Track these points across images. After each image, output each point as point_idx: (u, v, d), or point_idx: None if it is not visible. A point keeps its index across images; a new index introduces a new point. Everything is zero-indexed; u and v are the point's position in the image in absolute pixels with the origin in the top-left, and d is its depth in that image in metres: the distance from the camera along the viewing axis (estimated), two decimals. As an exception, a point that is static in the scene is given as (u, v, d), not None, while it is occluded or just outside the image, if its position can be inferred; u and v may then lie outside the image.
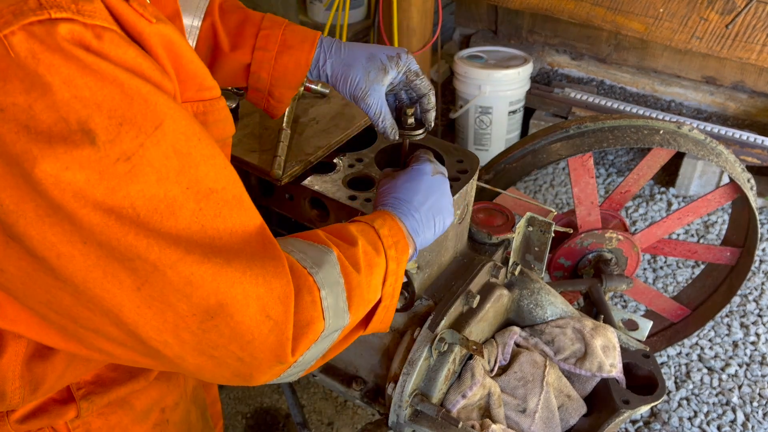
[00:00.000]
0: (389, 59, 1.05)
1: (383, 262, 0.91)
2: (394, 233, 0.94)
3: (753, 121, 3.53)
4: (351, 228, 0.90)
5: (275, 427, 2.25)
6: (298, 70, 1.08)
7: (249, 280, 0.68)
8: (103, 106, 0.58)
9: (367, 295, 0.88)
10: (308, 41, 1.07)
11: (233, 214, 0.69)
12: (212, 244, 0.66)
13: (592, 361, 1.33)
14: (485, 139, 3.40)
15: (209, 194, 0.66)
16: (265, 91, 1.10)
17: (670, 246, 2.12)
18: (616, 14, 3.24)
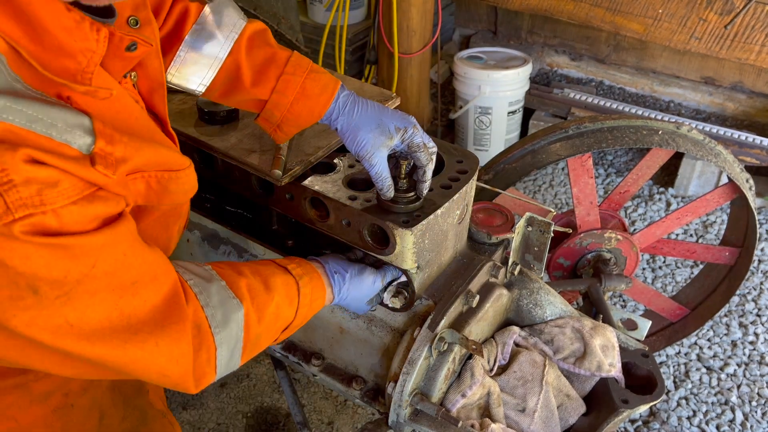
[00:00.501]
0: (396, 130, 1.13)
1: (292, 315, 1.08)
2: (315, 292, 1.12)
3: (752, 121, 3.53)
4: (277, 279, 1.06)
5: (275, 426, 2.26)
6: (311, 118, 1.14)
7: (153, 353, 0.85)
8: (52, 269, 0.73)
9: (263, 343, 1.06)
10: (326, 94, 1.13)
11: (148, 290, 0.84)
12: (129, 323, 0.82)
13: (592, 361, 1.33)
14: (485, 140, 3.41)
15: (131, 286, 0.82)
16: (274, 124, 1.15)
17: (669, 246, 2.13)
18: (615, 15, 3.25)
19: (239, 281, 1.00)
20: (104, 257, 0.78)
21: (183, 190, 0.94)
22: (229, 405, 2.31)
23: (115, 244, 0.80)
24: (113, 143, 0.79)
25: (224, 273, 1.01)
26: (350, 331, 1.35)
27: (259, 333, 1.02)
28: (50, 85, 0.74)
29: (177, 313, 0.88)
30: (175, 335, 0.87)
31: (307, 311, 1.11)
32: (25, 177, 0.68)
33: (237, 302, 0.98)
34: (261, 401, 2.33)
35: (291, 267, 1.11)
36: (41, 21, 0.72)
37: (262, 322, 1.01)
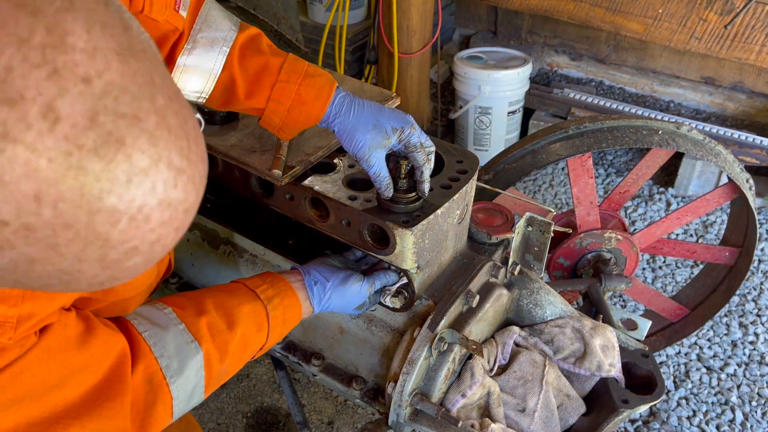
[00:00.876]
0: (393, 131, 1.13)
1: (263, 340, 1.10)
2: (287, 311, 1.13)
3: (752, 121, 3.53)
4: (243, 309, 1.07)
5: (275, 426, 2.26)
6: (308, 122, 1.14)
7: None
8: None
9: (229, 373, 1.07)
10: (322, 98, 1.12)
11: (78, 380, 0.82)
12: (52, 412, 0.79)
13: (592, 361, 1.33)
14: (485, 140, 3.41)
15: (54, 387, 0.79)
16: (275, 128, 1.16)
17: (669, 246, 2.13)
18: (615, 15, 3.25)
19: (199, 322, 1.02)
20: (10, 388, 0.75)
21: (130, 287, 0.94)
22: (229, 405, 2.31)
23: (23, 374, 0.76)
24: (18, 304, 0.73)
25: (184, 314, 1.02)
26: (350, 331, 1.35)
27: (221, 369, 1.04)
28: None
29: (116, 386, 0.86)
30: (107, 413, 0.85)
31: (280, 331, 1.13)
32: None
33: (195, 345, 0.99)
34: (261, 401, 2.33)
35: (261, 289, 1.12)
36: None
37: (224, 359, 1.03)
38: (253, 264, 1.47)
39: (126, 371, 0.89)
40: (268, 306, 1.10)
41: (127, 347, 0.91)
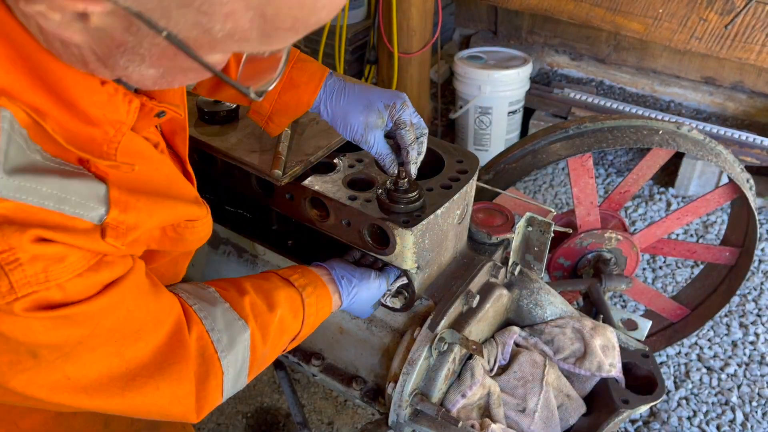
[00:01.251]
0: (385, 107, 1.11)
1: (298, 327, 1.07)
2: (320, 301, 1.11)
3: (752, 121, 3.53)
4: (280, 293, 1.05)
5: (275, 426, 2.26)
6: (300, 107, 1.13)
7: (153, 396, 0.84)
8: (52, 336, 0.72)
9: (269, 358, 1.05)
10: (313, 82, 1.11)
11: (153, 334, 0.84)
12: (128, 368, 0.81)
13: (592, 361, 1.33)
14: (485, 140, 3.41)
15: (134, 334, 0.81)
16: (265, 116, 1.15)
17: (669, 246, 2.13)
18: (615, 15, 3.25)
19: (243, 301, 1.00)
20: (107, 317, 0.78)
21: (198, 238, 0.93)
22: (228, 405, 2.31)
23: (119, 303, 0.80)
24: (127, 211, 0.78)
25: (227, 294, 1.00)
26: (350, 331, 1.35)
27: (264, 352, 1.01)
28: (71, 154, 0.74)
29: (179, 351, 0.87)
30: (177, 375, 0.86)
31: (314, 321, 1.10)
32: (31, 255, 0.69)
33: (242, 323, 0.97)
34: (261, 401, 2.33)
35: (294, 278, 1.10)
36: (72, 97, 0.71)
37: (266, 341, 1.01)
38: (253, 264, 1.47)
39: (185, 337, 0.89)
40: (303, 293, 1.08)
41: (183, 314, 0.90)
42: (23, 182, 0.68)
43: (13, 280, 0.68)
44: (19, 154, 0.68)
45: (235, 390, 0.99)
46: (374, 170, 1.25)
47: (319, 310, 1.11)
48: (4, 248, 0.67)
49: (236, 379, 0.97)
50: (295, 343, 1.10)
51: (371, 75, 3.51)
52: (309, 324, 1.09)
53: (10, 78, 0.67)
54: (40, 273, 0.69)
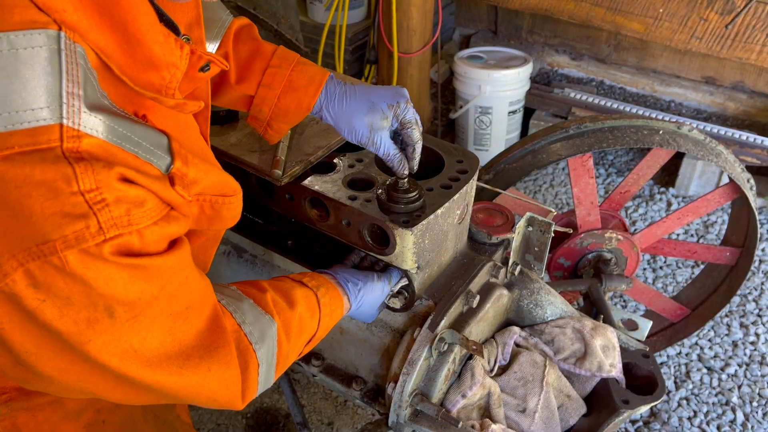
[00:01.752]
0: (389, 107, 1.10)
1: (315, 327, 1.06)
2: (333, 302, 1.10)
3: (752, 121, 3.53)
4: (297, 292, 1.04)
5: (275, 426, 2.25)
6: (300, 111, 1.12)
7: (206, 378, 0.83)
8: (129, 290, 0.72)
9: (291, 358, 1.04)
10: (314, 85, 1.10)
11: (198, 315, 0.84)
12: (180, 348, 0.80)
13: (592, 361, 1.33)
14: (485, 139, 3.41)
15: (185, 311, 0.81)
16: (264, 122, 1.13)
17: (669, 246, 2.13)
18: (615, 14, 3.24)
19: (265, 297, 0.99)
20: (172, 280, 0.78)
21: (232, 216, 0.93)
22: (229, 405, 2.31)
23: (181, 267, 0.80)
24: (188, 164, 0.78)
25: (249, 291, 1.00)
26: (350, 332, 1.35)
27: (288, 349, 1.00)
28: (131, 103, 0.74)
29: (221, 336, 0.86)
30: (224, 359, 0.86)
31: (328, 321, 1.09)
32: (116, 196, 0.68)
33: (269, 318, 0.97)
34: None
35: (306, 280, 1.09)
36: (137, 31, 0.71)
37: (290, 338, 1.00)
38: (253, 264, 1.47)
39: (224, 323, 0.88)
40: (317, 293, 1.07)
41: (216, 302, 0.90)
42: (103, 118, 0.68)
43: (101, 220, 0.67)
44: (93, 93, 0.68)
45: (265, 386, 0.97)
46: (374, 170, 1.25)
47: (333, 311, 1.10)
48: (91, 187, 0.66)
49: (267, 374, 0.96)
50: (310, 346, 1.09)
51: (371, 75, 3.51)
52: (324, 325, 1.08)
53: (78, 15, 0.67)
54: (123, 216, 0.68)
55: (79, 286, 0.68)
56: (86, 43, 0.68)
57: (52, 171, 0.64)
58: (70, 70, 0.65)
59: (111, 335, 0.73)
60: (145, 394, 0.83)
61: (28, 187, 0.64)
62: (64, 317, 0.69)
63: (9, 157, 0.64)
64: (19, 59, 0.63)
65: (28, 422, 0.97)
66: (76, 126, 0.66)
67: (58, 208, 0.65)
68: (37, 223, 0.65)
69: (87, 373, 0.76)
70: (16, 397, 0.95)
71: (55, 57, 0.64)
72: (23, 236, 0.65)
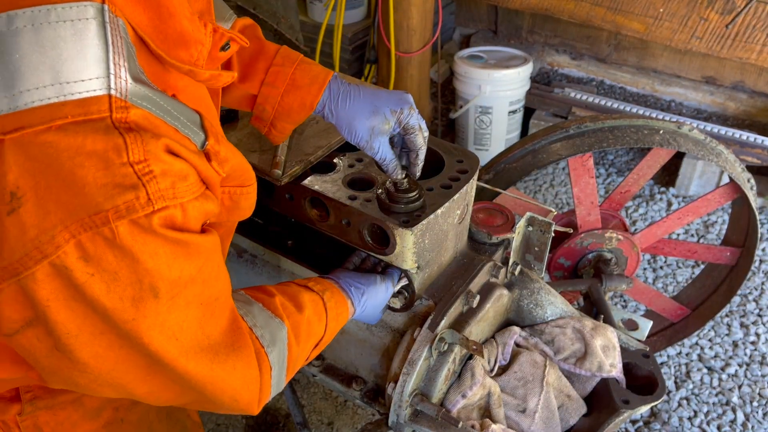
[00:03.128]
0: (392, 113, 1.10)
1: (322, 331, 1.06)
2: (339, 306, 1.10)
3: (753, 121, 3.53)
4: (304, 296, 1.04)
5: (275, 426, 2.25)
6: (303, 110, 1.11)
7: (232, 375, 0.84)
8: (172, 267, 0.72)
9: (299, 363, 1.04)
10: (317, 83, 1.10)
11: (222, 311, 0.84)
12: (208, 342, 0.80)
13: (592, 361, 1.33)
14: (485, 139, 3.40)
15: (213, 302, 0.81)
16: (268, 121, 1.13)
17: (670, 246, 2.13)
18: (616, 14, 3.24)
19: (274, 301, 0.99)
20: (208, 262, 0.78)
21: (249, 206, 0.94)
22: (229, 405, 2.31)
23: (216, 251, 0.80)
24: (219, 142, 0.79)
25: (257, 296, 0.99)
26: (350, 332, 1.35)
27: (297, 352, 1.00)
28: (162, 82, 0.74)
29: (242, 336, 0.87)
30: (246, 359, 0.86)
31: (334, 326, 1.09)
32: (162, 169, 0.68)
33: (279, 321, 0.96)
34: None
35: (311, 285, 1.09)
36: (170, 4, 0.72)
37: (299, 341, 0.99)
38: (253, 264, 1.47)
39: (243, 325, 0.88)
40: (323, 297, 1.07)
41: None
42: (146, 91, 0.69)
43: (150, 191, 0.67)
44: (134, 67, 0.69)
45: (277, 390, 0.96)
46: (374, 170, 1.24)
47: (339, 315, 1.10)
48: (140, 158, 0.66)
49: (279, 378, 0.96)
50: (317, 350, 1.08)
51: (371, 75, 3.50)
52: (331, 329, 1.07)
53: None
54: (169, 188, 0.69)
55: (128, 260, 0.68)
56: (125, 17, 0.69)
57: (103, 141, 0.65)
58: (116, 42, 0.67)
59: (155, 317, 0.72)
60: (172, 388, 0.82)
61: (81, 158, 0.64)
62: (111, 293, 0.69)
63: (62, 127, 0.64)
64: (68, 30, 0.64)
65: (49, 421, 0.98)
66: (124, 97, 0.67)
67: (109, 178, 0.65)
68: (90, 194, 0.65)
69: (122, 360, 0.75)
70: (41, 395, 0.95)
71: (101, 29, 0.66)
72: (76, 207, 0.65)
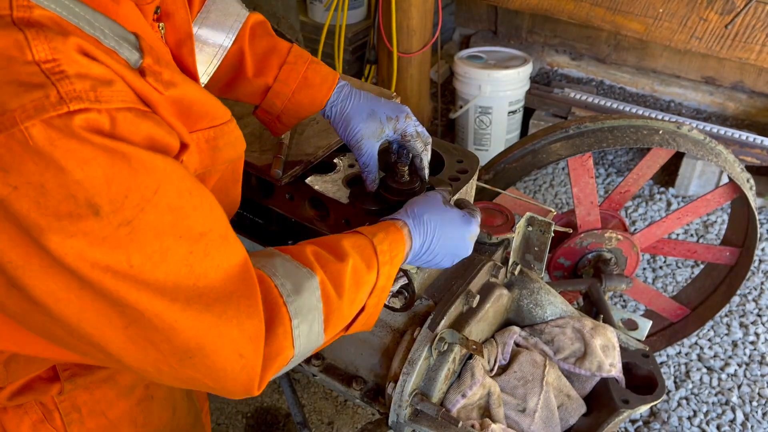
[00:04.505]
0: (388, 120, 1.12)
1: (374, 279, 0.95)
2: (394, 248, 0.98)
3: (752, 121, 3.53)
4: (345, 243, 0.93)
5: (275, 426, 2.26)
6: (312, 107, 1.14)
7: (224, 323, 0.74)
8: (111, 182, 0.65)
9: (347, 314, 0.93)
10: (327, 83, 1.13)
11: (219, 252, 0.76)
12: (197, 284, 0.72)
13: (592, 361, 1.33)
14: (485, 139, 3.41)
15: (199, 238, 0.73)
16: (275, 115, 1.15)
17: (669, 246, 2.13)
18: (615, 14, 3.25)
19: (304, 251, 0.90)
20: (167, 186, 0.69)
21: (231, 143, 0.88)
22: (228, 405, 2.31)
23: (178, 176, 0.71)
24: (161, 65, 0.73)
25: (285, 249, 0.91)
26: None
27: (340, 305, 0.90)
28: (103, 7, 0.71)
29: (251, 288, 0.78)
30: (245, 309, 0.77)
31: (389, 270, 0.97)
32: (77, 71, 0.63)
33: (307, 270, 0.87)
34: (261, 401, 2.33)
35: (362, 228, 1.00)
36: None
37: (341, 293, 0.89)
38: (253, 264, 1.47)
39: (253, 275, 0.80)
40: (373, 240, 0.95)
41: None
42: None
43: (62, 91, 0.62)
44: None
45: (309, 346, 0.88)
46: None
47: (394, 257, 0.98)
48: (47, 57, 0.62)
49: (309, 332, 0.86)
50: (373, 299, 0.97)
51: (371, 75, 3.51)
52: (385, 274, 0.96)
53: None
54: (89, 90, 0.63)
55: (52, 170, 0.62)
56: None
57: (2, 39, 0.61)
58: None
59: (102, 240, 0.65)
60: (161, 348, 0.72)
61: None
62: (42, 208, 0.62)
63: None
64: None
65: (87, 401, 0.98)
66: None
67: (13, 77, 0.61)
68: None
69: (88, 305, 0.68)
70: (78, 372, 0.95)
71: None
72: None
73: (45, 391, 0.93)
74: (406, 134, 1.13)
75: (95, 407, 0.99)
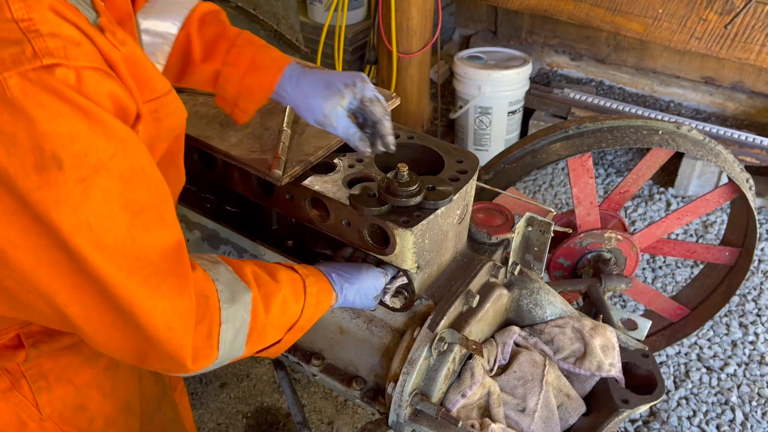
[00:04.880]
0: (345, 87, 1.12)
1: (298, 313, 1.05)
2: (321, 294, 1.10)
3: (752, 121, 3.53)
4: (281, 273, 1.04)
5: (275, 426, 2.26)
6: (262, 90, 1.14)
7: (159, 297, 0.82)
8: (74, 139, 0.71)
9: (268, 336, 1.03)
10: (276, 66, 1.13)
11: (157, 230, 0.82)
12: (138, 256, 0.79)
13: (592, 361, 1.33)
14: (485, 140, 3.41)
15: (140, 212, 0.80)
16: (231, 101, 1.16)
17: (669, 246, 2.13)
18: (615, 15, 3.25)
19: (244, 268, 0.99)
20: (122, 155, 0.76)
21: (173, 113, 0.93)
22: (229, 405, 2.31)
23: (135, 149, 0.79)
24: (113, 24, 0.81)
25: (229, 261, 1.00)
26: (350, 331, 1.35)
27: (265, 323, 0.99)
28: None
29: (182, 270, 0.85)
30: (178, 288, 0.84)
31: (312, 312, 1.09)
32: (50, 30, 0.70)
33: (244, 285, 0.96)
34: (261, 401, 2.33)
35: (297, 267, 1.10)
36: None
37: (269, 312, 0.99)
38: (253, 264, 1.48)
39: (188, 263, 0.87)
40: (306, 280, 1.07)
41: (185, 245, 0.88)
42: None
43: (37, 48, 0.69)
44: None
45: (229, 355, 0.95)
46: (374, 170, 1.25)
47: (320, 303, 1.10)
48: (24, 17, 0.69)
49: (233, 340, 0.94)
50: (291, 336, 1.07)
51: (371, 75, 3.51)
52: (307, 315, 1.07)
53: None
54: (60, 48, 0.70)
55: (24, 121, 0.68)
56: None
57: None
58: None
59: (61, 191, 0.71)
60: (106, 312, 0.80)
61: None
62: (12, 157, 0.69)
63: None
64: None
65: (53, 368, 1.01)
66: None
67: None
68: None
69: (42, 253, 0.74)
70: (42, 339, 0.97)
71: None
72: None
73: (10, 359, 0.96)
74: (365, 99, 1.12)
75: (62, 374, 1.01)
